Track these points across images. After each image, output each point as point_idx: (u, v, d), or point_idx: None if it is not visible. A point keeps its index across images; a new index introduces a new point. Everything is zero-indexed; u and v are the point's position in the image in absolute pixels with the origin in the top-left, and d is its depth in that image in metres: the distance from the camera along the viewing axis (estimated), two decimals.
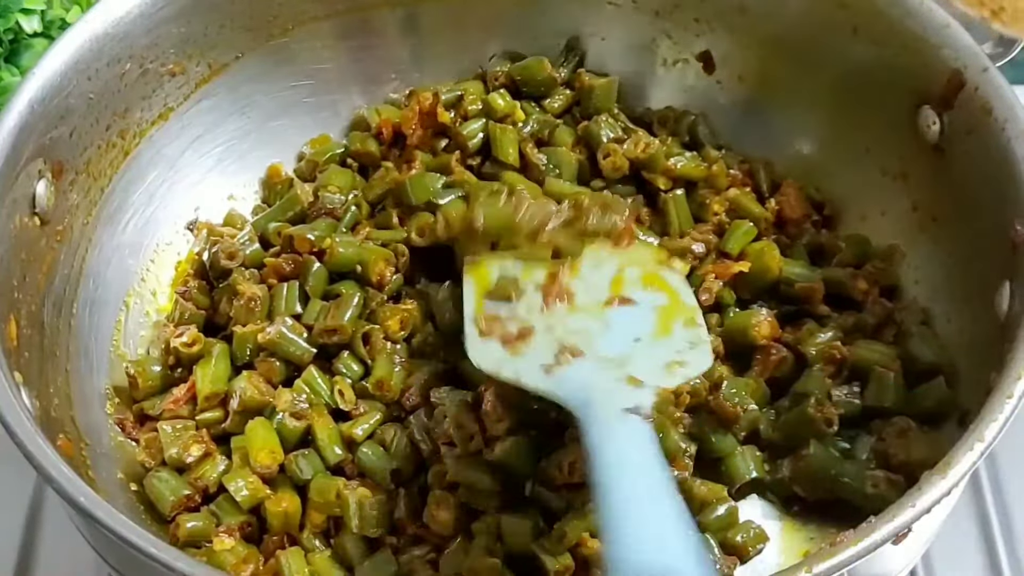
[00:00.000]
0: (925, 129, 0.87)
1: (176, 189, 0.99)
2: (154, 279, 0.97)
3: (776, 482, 0.85)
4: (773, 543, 0.83)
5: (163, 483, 0.83)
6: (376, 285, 0.91)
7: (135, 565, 0.68)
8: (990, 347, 0.75)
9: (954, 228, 0.87)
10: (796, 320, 0.92)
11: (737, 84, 1.02)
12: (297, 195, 0.97)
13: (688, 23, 1.01)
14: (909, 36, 0.87)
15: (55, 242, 0.85)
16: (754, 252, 0.93)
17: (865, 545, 0.64)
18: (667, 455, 0.83)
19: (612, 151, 0.97)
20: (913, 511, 0.65)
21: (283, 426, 0.84)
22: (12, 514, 0.97)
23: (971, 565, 0.94)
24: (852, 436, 0.85)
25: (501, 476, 0.79)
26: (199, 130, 0.99)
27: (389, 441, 0.83)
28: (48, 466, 0.67)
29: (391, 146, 1.02)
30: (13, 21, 1.07)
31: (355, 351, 0.88)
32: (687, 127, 1.02)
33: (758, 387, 0.88)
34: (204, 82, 0.98)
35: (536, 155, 0.97)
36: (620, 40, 1.04)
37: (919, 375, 0.85)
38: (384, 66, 1.06)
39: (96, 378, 0.88)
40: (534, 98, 1.03)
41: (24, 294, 0.80)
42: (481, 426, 0.80)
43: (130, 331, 0.94)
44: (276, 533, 0.81)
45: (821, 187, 0.98)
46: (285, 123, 1.04)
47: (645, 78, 1.06)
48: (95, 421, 0.85)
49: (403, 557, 0.79)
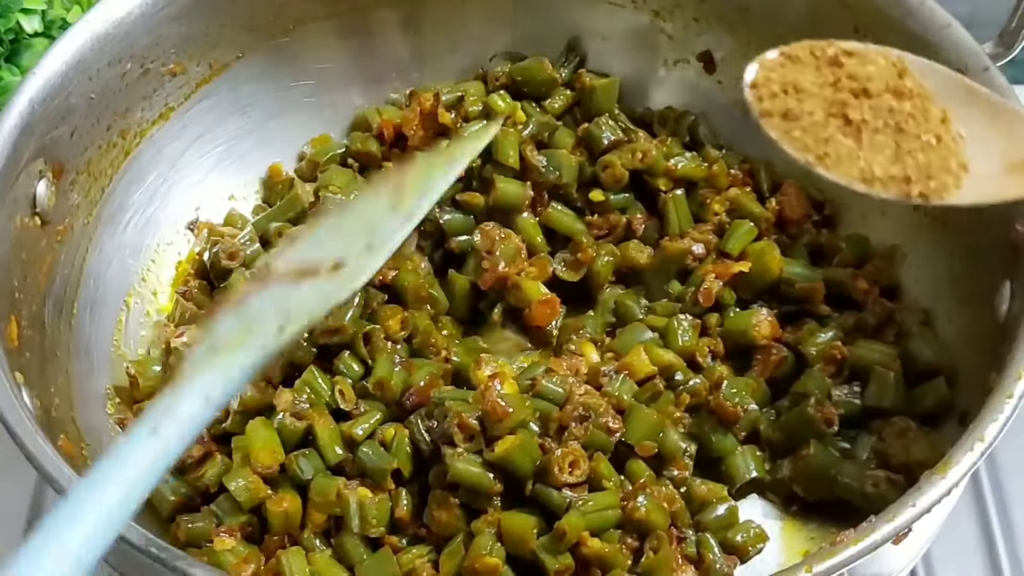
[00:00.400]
0: None
1: (177, 189, 0.99)
2: (155, 279, 0.97)
3: (776, 482, 0.85)
4: (773, 543, 0.83)
5: (163, 483, 0.83)
6: (377, 286, 0.91)
7: (135, 565, 0.68)
8: (990, 347, 0.75)
9: (955, 228, 0.87)
10: (796, 320, 0.92)
11: (738, 84, 1.00)
12: (298, 195, 0.97)
13: (688, 23, 1.02)
14: (910, 36, 0.86)
15: (56, 242, 0.85)
16: (754, 252, 0.93)
17: (865, 545, 0.64)
18: (667, 454, 0.84)
19: (611, 163, 0.97)
20: (913, 511, 0.65)
21: (284, 426, 0.84)
22: (13, 514, 0.97)
23: (971, 565, 0.94)
24: (852, 436, 0.85)
25: (501, 476, 0.79)
26: (200, 130, 0.99)
27: (389, 441, 0.83)
28: (49, 466, 0.67)
29: (392, 146, 1.02)
30: (14, 21, 1.07)
31: (356, 351, 0.88)
32: (687, 127, 1.02)
33: (758, 387, 0.88)
34: (205, 82, 0.98)
35: (536, 157, 0.97)
36: (620, 40, 1.04)
37: (919, 375, 0.85)
38: (385, 66, 1.06)
39: (97, 378, 0.88)
40: (535, 98, 1.03)
41: (25, 294, 0.80)
42: (481, 426, 0.80)
43: (131, 331, 0.94)
44: (277, 533, 0.81)
45: (822, 187, 0.98)
46: (286, 123, 1.04)
47: (646, 78, 1.06)
48: (96, 421, 0.86)
49: (403, 557, 0.79)
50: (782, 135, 0.47)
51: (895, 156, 0.46)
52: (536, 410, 0.82)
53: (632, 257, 0.95)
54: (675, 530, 0.81)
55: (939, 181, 0.45)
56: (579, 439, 0.81)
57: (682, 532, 0.81)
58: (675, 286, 0.95)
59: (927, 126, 0.46)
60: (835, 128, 0.47)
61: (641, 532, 0.79)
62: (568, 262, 0.96)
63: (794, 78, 0.47)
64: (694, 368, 0.90)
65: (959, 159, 0.45)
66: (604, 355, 0.91)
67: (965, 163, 0.45)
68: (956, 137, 0.44)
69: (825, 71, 0.48)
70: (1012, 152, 0.46)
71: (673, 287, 0.95)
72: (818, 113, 0.47)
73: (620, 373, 0.87)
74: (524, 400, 0.82)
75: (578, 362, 0.89)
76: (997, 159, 0.46)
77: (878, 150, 0.46)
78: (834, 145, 0.46)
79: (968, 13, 0.89)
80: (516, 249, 0.94)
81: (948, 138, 0.45)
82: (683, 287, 0.94)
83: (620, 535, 0.79)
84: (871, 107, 0.47)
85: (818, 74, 0.48)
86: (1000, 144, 0.45)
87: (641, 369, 0.87)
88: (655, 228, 0.98)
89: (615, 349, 0.91)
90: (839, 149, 0.46)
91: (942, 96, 0.46)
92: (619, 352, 0.90)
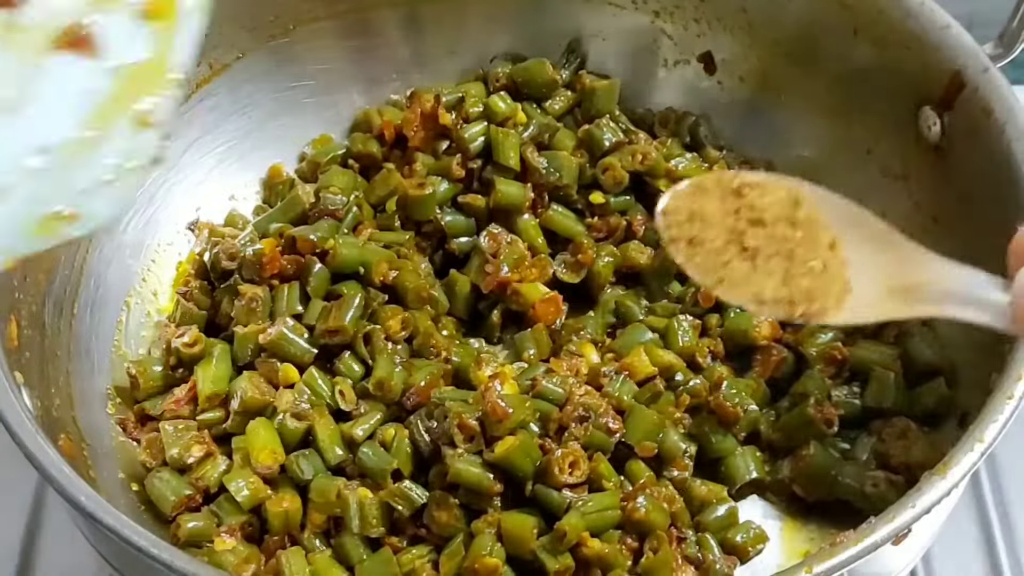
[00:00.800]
0: (926, 130, 0.87)
1: (177, 189, 0.99)
2: (155, 279, 0.97)
3: (776, 482, 0.85)
4: (773, 543, 0.83)
5: (164, 483, 0.83)
6: (379, 286, 0.91)
7: (136, 565, 0.68)
8: (990, 347, 0.75)
9: (955, 228, 0.87)
10: None
11: (738, 85, 1.02)
12: (298, 196, 0.97)
13: (689, 24, 1.02)
14: (910, 37, 0.87)
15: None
16: None
17: (865, 545, 0.64)
18: (667, 455, 0.84)
19: (611, 166, 0.97)
20: (913, 512, 0.65)
21: (284, 426, 0.84)
22: (14, 514, 0.97)
23: (971, 565, 0.94)
24: (852, 437, 0.85)
25: (501, 476, 0.79)
26: (200, 130, 0.99)
27: (390, 441, 0.83)
28: (49, 466, 0.67)
29: (392, 147, 1.02)
30: None
31: (356, 351, 0.88)
32: (688, 128, 1.03)
33: (758, 387, 0.88)
34: (205, 82, 0.98)
35: (536, 159, 0.97)
36: (621, 41, 1.05)
37: (919, 375, 0.85)
38: (385, 66, 1.06)
39: (97, 378, 0.88)
40: (535, 100, 1.03)
41: (25, 294, 0.80)
42: (482, 426, 0.80)
43: (131, 331, 0.94)
44: (277, 533, 0.81)
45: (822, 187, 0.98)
46: (286, 123, 1.04)
47: (646, 79, 1.06)
48: (96, 421, 0.86)
49: (403, 557, 0.79)
50: (686, 260, 0.53)
51: (783, 280, 0.51)
52: (536, 410, 0.82)
53: (632, 258, 0.95)
54: (675, 530, 0.81)
55: (821, 304, 0.51)
56: (579, 440, 0.81)
57: (682, 532, 0.81)
58: (675, 287, 0.95)
59: (815, 252, 0.51)
60: (732, 254, 0.52)
61: (641, 533, 0.79)
62: (568, 264, 0.96)
63: (700, 207, 0.53)
64: (694, 369, 0.90)
65: (843, 283, 0.50)
66: (604, 356, 0.91)
67: (849, 286, 0.49)
68: (843, 261, 0.48)
69: (728, 201, 0.53)
70: (894, 277, 0.51)
71: (673, 288, 0.95)
72: (719, 240, 0.52)
73: (620, 374, 0.87)
74: (524, 401, 0.82)
75: (578, 363, 0.89)
76: (880, 283, 0.52)
77: (769, 275, 0.51)
78: (730, 270, 0.51)
79: (968, 14, 0.89)
80: (521, 256, 0.94)
81: (835, 263, 0.51)
82: (683, 288, 0.95)
83: (620, 535, 0.79)
84: (766, 235, 0.52)
85: (722, 204, 0.53)
86: (884, 269, 0.51)
87: (641, 370, 0.87)
88: (655, 229, 0.98)
89: (615, 350, 0.91)
90: (735, 274, 0.51)
91: (835, 223, 0.52)
92: (619, 353, 0.90)
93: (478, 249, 0.95)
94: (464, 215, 0.98)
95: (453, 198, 0.98)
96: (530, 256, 0.95)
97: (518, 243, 0.94)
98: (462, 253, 0.97)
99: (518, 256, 0.93)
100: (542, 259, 0.95)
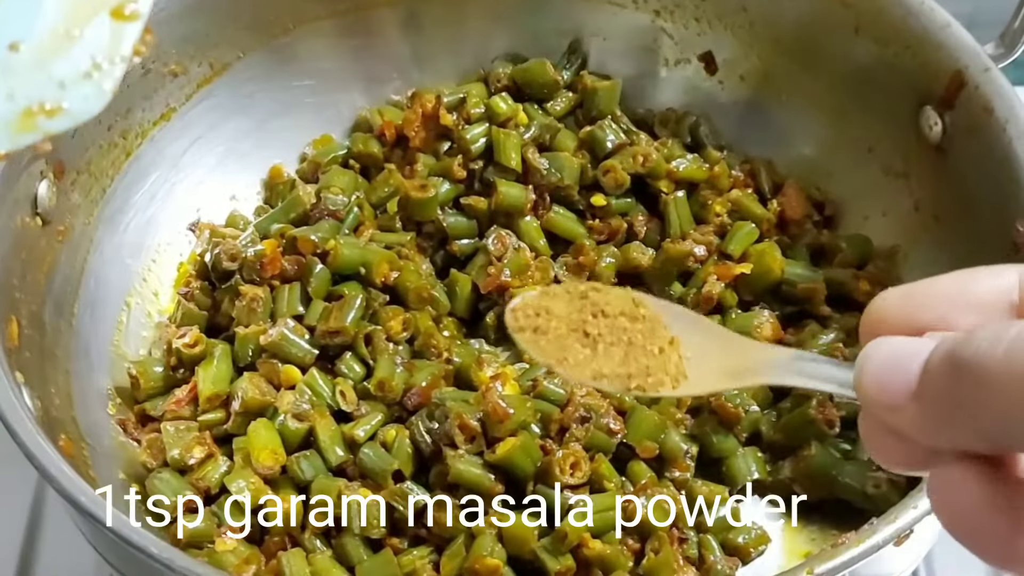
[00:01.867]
0: (927, 129, 0.87)
1: (178, 189, 0.99)
2: (156, 279, 0.97)
3: (777, 483, 0.85)
4: (775, 544, 0.83)
5: (165, 484, 0.83)
6: (380, 287, 0.91)
7: (136, 565, 0.68)
8: None
9: (956, 228, 0.87)
10: (798, 321, 0.92)
11: (739, 84, 1.02)
12: (299, 196, 0.97)
13: (689, 23, 1.01)
14: (911, 36, 0.87)
15: (56, 242, 0.85)
16: (756, 253, 0.93)
17: (867, 546, 0.64)
18: (668, 456, 0.84)
19: (612, 168, 0.97)
20: (915, 512, 0.65)
21: (285, 427, 0.84)
22: (13, 514, 0.97)
23: (973, 566, 0.93)
24: (854, 437, 0.85)
25: (502, 477, 0.79)
26: (201, 130, 0.99)
27: (391, 442, 0.83)
28: (49, 466, 0.67)
29: (394, 148, 1.02)
30: None
31: (357, 352, 0.88)
32: (689, 128, 1.02)
33: (760, 388, 0.87)
34: (206, 82, 0.98)
35: (538, 160, 0.97)
36: (621, 41, 1.04)
37: None
38: (386, 66, 1.06)
39: (97, 378, 0.88)
40: (537, 100, 1.03)
41: (25, 294, 0.80)
42: (483, 427, 0.80)
43: (132, 331, 0.93)
44: (277, 534, 0.81)
45: (822, 187, 0.98)
46: (287, 123, 1.04)
47: (647, 79, 1.06)
48: (96, 421, 0.85)
49: (404, 558, 0.79)
50: (530, 345, 0.56)
51: (623, 361, 0.54)
52: (537, 411, 0.82)
53: (634, 259, 0.95)
54: (676, 531, 0.80)
55: (656, 378, 0.54)
56: (580, 440, 0.81)
57: (683, 533, 0.81)
58: (677, 288, 0.95)
59: (654, 340, 0.55)
60: (575, 340, 0.55)
61: (642, 533, 0.79)
62: (570, 266, 0.96)
63: (548, 304, 0.56)
64: None
65: (679, 368, 0.55)
66: None
67: (685, 373, 0.55)
68: (681, 357, 0.55)
69: (575, 301, 0.57)
70: (727, 363, 0.55)
71: (675, 289, 0.95)
72: (562, 328, 0.56)
73: None
74: (525, 401, 0.82)
75: None
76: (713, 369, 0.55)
77: (609, 357, 0.55)
78: (573, 353, 0.55)
79: (969, 13, 0.89)
80: (525, 263, 0.94)
81: (672, 353, 0.55)
82: (685, 289, 0.94)
83: (621, 536, 0.79)
84: (607, 325, 0.56)
85: (568, 303, 0.56)
86: (718, 359, 0.55)
87: None
88: (656, 230, 0.98)
89: None
90: (577, 356, 0.55)
91: (673, 326, 0.55)
92: None
93: (484, 249, 0.95)
94: (466, 217, 0.98)
95: (455, 199, 0.98)
96: (533, 259, 0.95)
97: (525, 251, 0.94)
98: (464, 255, 0.97)
99: (523, 263, 0.93)
100: (544, 261, 0.95)
